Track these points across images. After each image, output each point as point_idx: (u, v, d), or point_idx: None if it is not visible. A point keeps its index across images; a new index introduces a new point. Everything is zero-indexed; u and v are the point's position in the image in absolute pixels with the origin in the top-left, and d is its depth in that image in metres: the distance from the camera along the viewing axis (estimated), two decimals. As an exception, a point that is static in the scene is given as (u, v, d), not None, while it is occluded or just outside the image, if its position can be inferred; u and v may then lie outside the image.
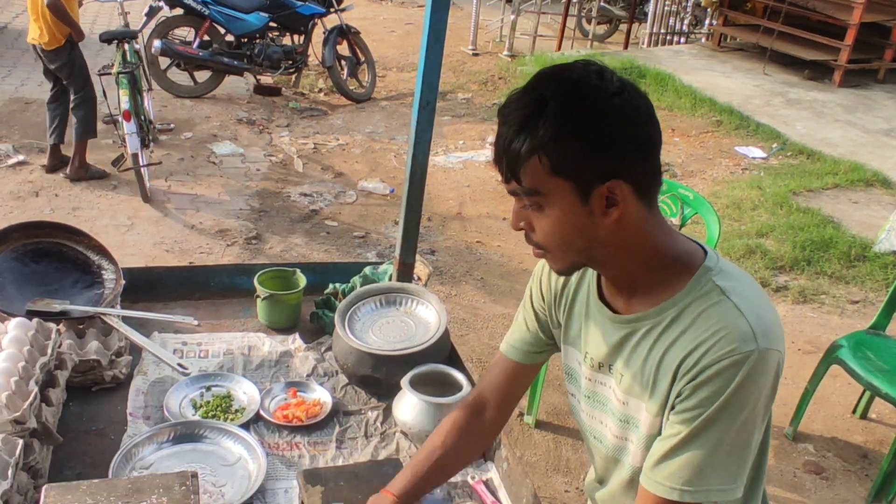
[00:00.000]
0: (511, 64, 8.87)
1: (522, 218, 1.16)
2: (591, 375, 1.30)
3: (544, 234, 1.14)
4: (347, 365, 1.88)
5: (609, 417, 1.29)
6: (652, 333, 1.17)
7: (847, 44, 8.35)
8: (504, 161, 1.11)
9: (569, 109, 1.06)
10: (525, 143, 1.07)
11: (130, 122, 4.84)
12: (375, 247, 4.87)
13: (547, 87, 1.09)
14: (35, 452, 1.45)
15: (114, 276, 2.04)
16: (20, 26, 8.60)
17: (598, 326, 1.26)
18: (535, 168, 1.08)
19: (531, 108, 1.08)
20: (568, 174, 1.07)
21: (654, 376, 1.16)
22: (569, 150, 1.06)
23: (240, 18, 6.89)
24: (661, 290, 1.17)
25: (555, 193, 1.09)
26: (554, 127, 1.05)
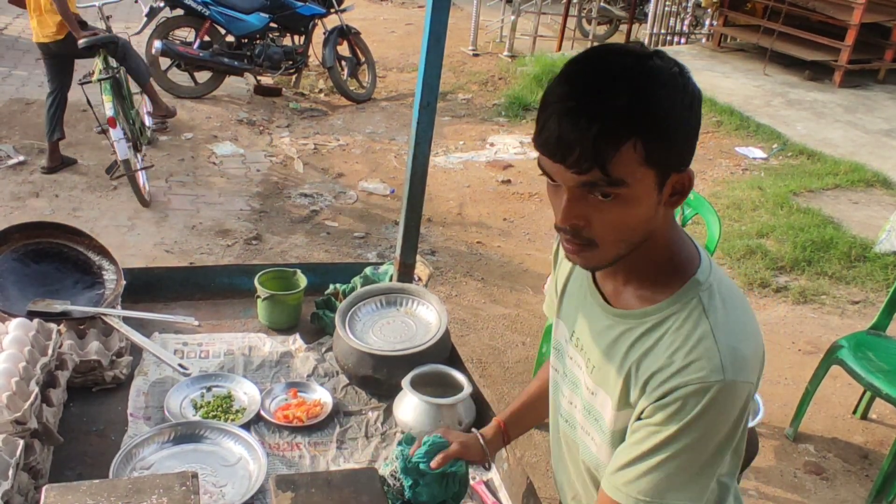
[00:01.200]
0: (511, 64, 8.87)
1: (581, 212, 1.05)
2: (573, 354, 1.28)
3: (608, 227, 1.06)
4: (348, 365, 1.88)
5: (580, 401, 1.28)
6: (631, 334, 1.15)
7: (847, 44, 8.35)
8: (586, 148, 0.99)
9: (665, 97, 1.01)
10: (620, 131, 0.99)
11: (116, 128, 4.74)
12: (376, 247, 4.87)
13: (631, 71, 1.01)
14: (36, 453, 1.45)
15: (114, 277, 2.04)
16: (21, 27, 8.61)
17: (588, 309, 1.25)
18: (628, 157, 0.99)
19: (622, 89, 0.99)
20: (656, 163, 1.02)
21: (626, 378, 1.15)
22: (664, 139, 1.01)
23: (240, 19, 6.90)
24: (651, 291, 1.15)
25: (639, 184, 1.02)
26: (652, 114, 1.00)
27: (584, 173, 1.01)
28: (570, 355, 1.29)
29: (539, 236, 5.26)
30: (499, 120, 7.49)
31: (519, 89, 8.05)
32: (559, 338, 1.34)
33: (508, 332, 4.12)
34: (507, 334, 4.10)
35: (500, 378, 3.72)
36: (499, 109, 7.72)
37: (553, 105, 1.01)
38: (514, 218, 5.46)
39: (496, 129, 7.27)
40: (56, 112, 5.24)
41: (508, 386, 3.66)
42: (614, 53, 1.04)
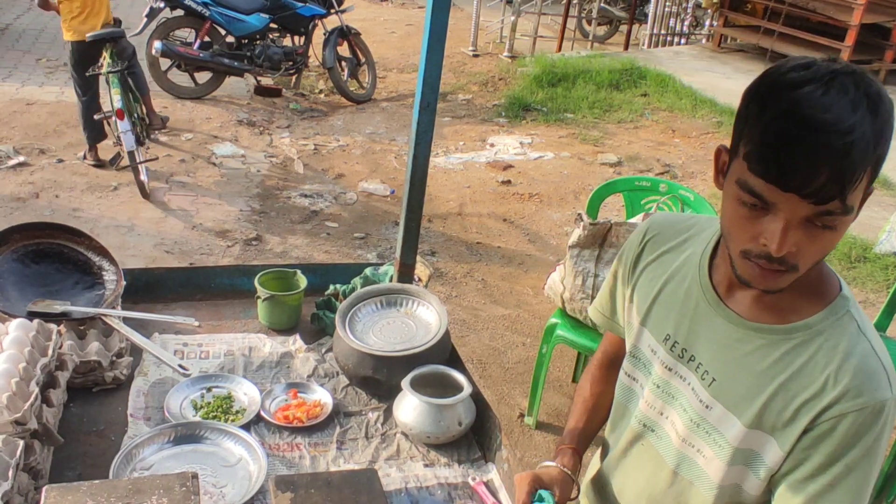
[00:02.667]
0: (511, 65, 8.87)
1: (797, 241, 1.00)
2: (672, 364, 1.24)
3: (816, 254, 1.02)
4: (348, 366, 1.88)
5: (677, 415, 1.23)
6: (773, 350, 1.11)
7: (847, 45, 8.35)
8: (832, 179, 0.94)
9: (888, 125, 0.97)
10: (863, 159, 0.95)
11: (124, 120, 4.88)
12: (376, 248, 4.87)
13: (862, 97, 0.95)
14: (36, 453, 1.45)
15: (114, 277, 2.04)
16: (22, 27, 8.61)
17: (702, 319, 1.19)
18: (861, 184, 0.97)
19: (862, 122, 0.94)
20: (869, 185, 1.00)
21: (769, 398, 1.10)
22: (882, 162, 0.99)
23: (240, 20, 6.90)
24: (795, 307, 1.10)
25: (855, 208, 1.00)
26: (884, 145, 0.97)
27: (822, 203, 0.96)
28: (665, 364, 1.25)
29: (539, 237, 5.26)
30: (499, 120, 7.49)
31: (519, 90, 8.06)
32: (641, 346, 1.30)
33: (508, 332, 4.12)
34: (507, 335, 4.10)
35: (501, 379, 3.72)
36: (499, 110, 7.72)
37: (791, 129, 0.95)
38: (514, 218, 5.46)
39: (496, 129, 7.27)
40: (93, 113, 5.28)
41: (508, 386, 3.66)
42: (838, 72, 0.97)
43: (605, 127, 7.46)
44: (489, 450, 1.74)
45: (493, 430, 1.75)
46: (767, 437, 1.12)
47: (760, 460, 1.15)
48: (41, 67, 7.44)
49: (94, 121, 5.31)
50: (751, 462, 1.16)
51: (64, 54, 7.11)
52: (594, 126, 7.46)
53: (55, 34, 8.28)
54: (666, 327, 1.25)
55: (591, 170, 6.45)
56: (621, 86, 8.26)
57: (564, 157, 6.69)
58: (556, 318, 3.13)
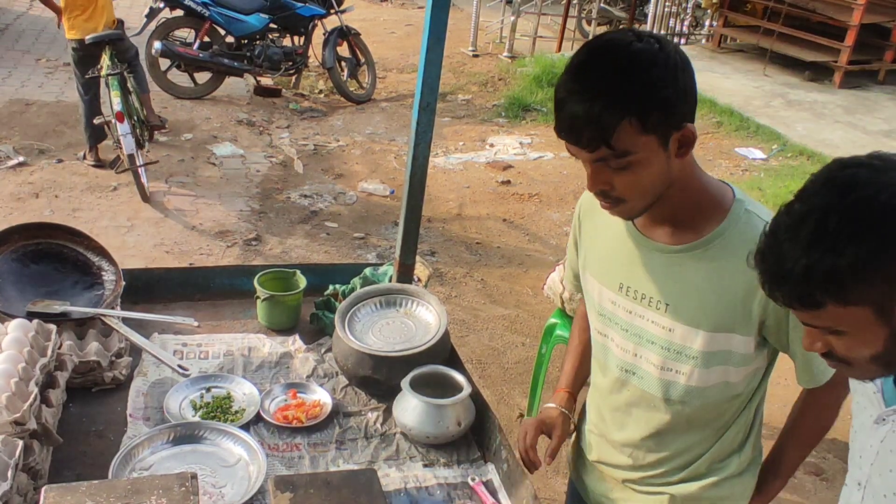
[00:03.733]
0: (511, 65, 8.87)
1: (603, 179, 1.26)
2: (631, 307, 1.41)
3: (630, 188, 1.26)
4: (347, 366, 1.88)
5: (649, 350, 1.41)
6: (702, 261, 1.32)
7: (847, 45, 8.35)
8: (591, 130, 1.18)
9: (643, 71, 1.18)
10: (614, 111, 1.17)
11: (124, 123, 4.85)
12: (375, 248, 4.87)
13: (609, 58, 1.20)
14: (35, 453, 1.45)
15: (114, 278, 2.04)
16: (22, 28, 8.61)
17: (638, 259, 1.39)
18: (625, 131, 1.18)
19: (609, 79, 1.18)
20: (654, 129, 1.20)
21: (715, 301, 1.31)
22: (654, 109, 1.18)
23: (240, 20, 6.90)
24: (703, 222, 1.32)
25: (643, 149, 1.21)
26: (637, 92, 1.17)
27: (594, 151, 1.21)
28: (626, 309, 1.42)
29: (539, 237, 5.26)
30: (498, 121, 7.49)
31: (519, 90, 8.06)
32: (603, 303, 1.47)
33: (508, 332, 4.12)
34: (506, 335, 4.10)
35: (500, 379, 3.72)
36: (498, 110, 7.72)
37: (562, 98, 1.21)
38: (513, 218, 5.46)
39: (496, 129, 7.27)
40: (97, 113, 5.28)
41: (508, 386, 3.66)
42: (602, 47, 1.24)
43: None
44: (488, 450, 1.74)
45: (492, 431, 1.75)
46: (730, 335, 1.34)
47: (732, 353, 1.36)
48: (41, 67, 7.43)
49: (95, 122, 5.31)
50: (726, 359, 1.36)
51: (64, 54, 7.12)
52: (594, 126, 7.45)
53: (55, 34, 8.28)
54: (618, 277, 1.44)
55: (591, 170, 6.45)
56: (621, 86, 8.25)
57: (564, 157, 6.68)
58: (556, 318, 3.13)
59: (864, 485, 1.10)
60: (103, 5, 5.19)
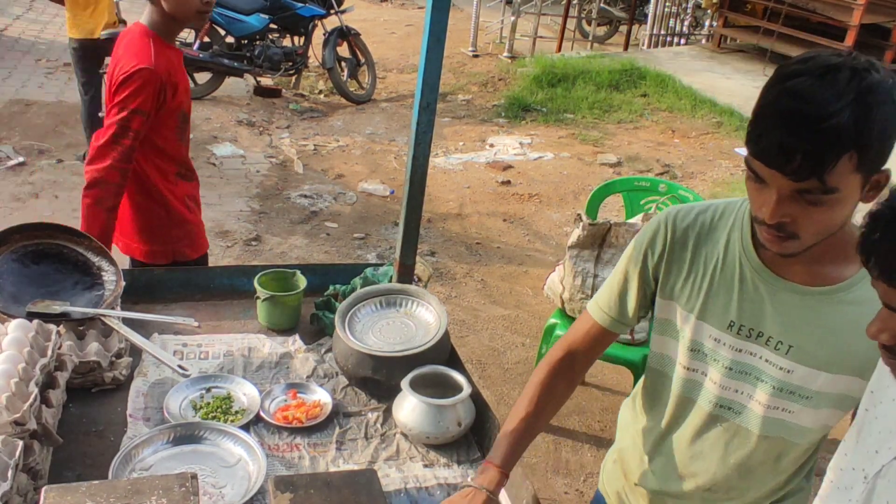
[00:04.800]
0: (511, 65, 8.87)
1: (788, 212, 1.14)
2: (741, 346, 1.34)
3: (813, 225, 1.15)
4: (347, 366, 1.88)
5: (756, 387, 1.35)
6: (844, 304, 1.25)
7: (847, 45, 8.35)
8: (806, 160, 1.07)
9: (878, 112, 1.07)
10: (840, 145, 1.06)
11: None
12: (375, 248, 4.87)
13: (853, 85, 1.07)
14: (35, 454, 1.45)
15: (114, 278, 2.04)
16: (21, 28, 8.61)
17: (762, 298, 1.30)
18: (843, 168, 1.08)
19: (843, 108, 1.06)
20: (865, 170, 1.10)
21: (846, 344, 1.25)
22: (875, 148, 1.09)
23: (240, 20, 6.90)
24: (845, 263, 1.25)
25: (848, 188, 1.11)
26: (868, 130, 1.06)
27: (800, 181, 1.09)
28: (735, 347, 1.34)
29: (539, 237, 5.26)
30: (498, 121, 7.49)
31: (519, 90, 8.06)
32: (700, 339, 1.38)
33: (508, 332, 4.12)
34: (506, 335, 4.10)
35: (500, 379, 3.72)
36: (499, 110, 7.72)
37: (776, 114, 1.09)
38: (513, 219, 5.46)
39: (496, 129, 7.27)
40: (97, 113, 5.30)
41: (508, 387, 3.66)
42: (835, 67, 1.09)
43: (604, 127, 7.46)
44: (489, 450, 1.74)
45: (492, 431, 1.75)
46: (854, 378, 1.28)
47: (847, 398, 1.31)
48: (41, 68, 7.43)
49: (96, 121, 5.31)
50: (839, 402, 1.32)
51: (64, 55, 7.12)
52: (594, 126, 7.46)
53: (55, 35, 8.29)
54: (728, 315, 1.34)
55: (591, 170, 6.45)
56: (621, 86, 8.26)
57: (564, 157, 6.69)
58: (556, 319, 3.13)
59: (875, 476, 1.04)
60: (105, 5, 5.20)
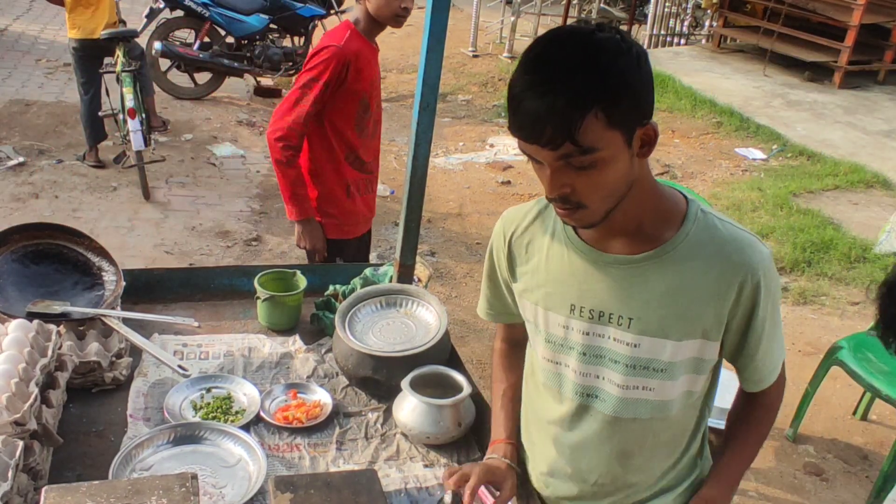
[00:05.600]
0: (511, 65, 8.87)
1: (565, 182, 1.16)
2: (588, 329, 1.33)
3: (593, 190, 1.16)
4: (348, 366, 1.88)
5: (610, 369, 1.33)
6: (664, 269, 1.26)
7: (847, 45, 8.35)
8: (554, 125, 1.09)
9: (609, 62, 1.09)
10: (580, 103, 1.08)
11: (135, 119, 4.89)
12: (375, 248, 4.87)
13: (571, 47, 1.11)
14: (35, 454, 1.45)
15: (114, 278, 2.04)
16: (21, 28, 8.61)
17: (592, 276, 1.31)
18: (591, 125, 1.09)
19: (568, 67, 1.08)
20: (620, 124, 1.11)
21: (687, 306, 1.26)
22: (621, 101, 1.10)
23: (240, 20, 6.90)
24: (661, 227, 1.27)
25: (609, 146, 1.12)
26: (602, 81, 1.08)
27: (557, 148, 1.11)
28: (583, 331, 1.33)
29: (539, 237, 5.26)
30: (498, 121, 7.49)
31: (519, 90, 8.05)
32: (552, 330, 1.38)
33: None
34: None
35: (500, 379, 3.71)
36: (499, 110, 7.72)
37: (518, 93, 1.11)
38: (513, 219, 5.46)
39: (496, 130, 7.27)
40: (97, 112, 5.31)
41: (508, 387, 3.65)
42: (562, 37, 1.13)
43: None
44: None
45: (492, 431, 1.74)
46: (699, 341, 1.29)
47: (700, 361, 1.32)
48: (41, 68, 7.43)
49: (95, 121, 5.32)
50: (694, 367, 1.32)
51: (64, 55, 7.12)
52: (594, 126, 7.46)
53: (55, 35, 8.29)
54: (568, 299, 1.34)
55: (591, 170, 6.45)
56: (621, 86, 8.25)
57: (564, 157, 6.68)
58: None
59: None
60: (107, 6, 5.20)
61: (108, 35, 5.13)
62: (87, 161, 5.46)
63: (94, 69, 5.29)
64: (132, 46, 5.29)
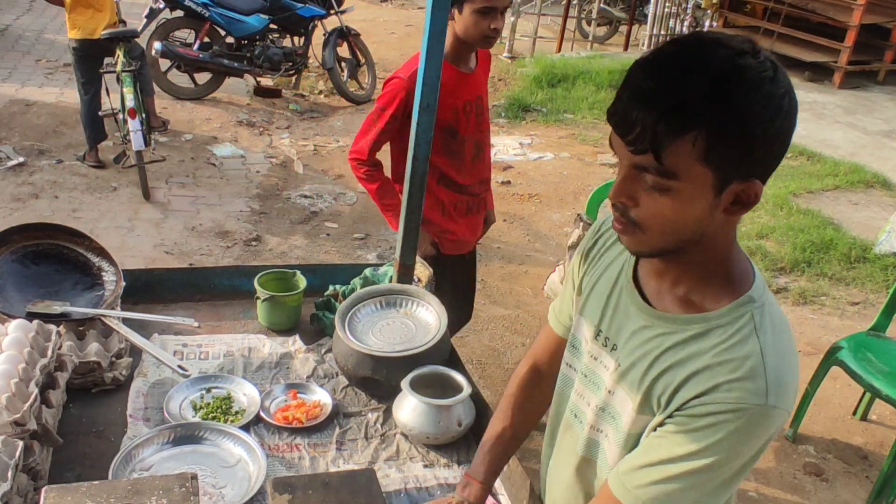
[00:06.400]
0: (511, 65, 8.87)
1: (630, 192, 1.04)
2: (597, 353, 1.24)
3: (654, 216, 1.03)
4: (347, 366, 1.88)
5: (595, 399, 1.25)
6: (669, 339, 1.11)
7: (847, 45, 8.36)
8: (645, 129, 0.97)
9: (746, 98, 0.96)
10: (681, 122, 0.96)
11: (135, 119, 4.90)
12: (375, 248, 4.87)
13: (716, 64, 0.97)
14: (35, 454, 1.45)
15: (114, 278, 2.04)
16: (21, 28, 8.61)
17: (622, 308, 1.20)
18: (682, 150, 0.97)
19: (697, 83, 0.96)
20: (716, 164, 0.98)
21: (653, 382, 1.12)
22: (732, 141, 0.97)
23: (240, 20, 6.90)
24: (700, 298, 1.11)
25: (692, 180, 0.99)
26: (724, 112, 0.95)
27: (638, 154, 1.00)
28: (592, 354, 1.25)
29: (539, 237, 5.26)
30: (498, 121, 7.49)
31: (519, 90, 8.06)
32: (579, 335, 1.30)
33: (508, 333, 4.12)
34: (506, 335, 4.10)
35: (500, 379, 3.72)
36: (499, 111, 7.72)
37: (631, 81, 1.00)
38: (513, 219, 5.46)
39: (496, 130, 7.26)
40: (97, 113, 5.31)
41: (508, 387, 3.65)
42: (709, 42, 1.00)
43: (604, 127, 7.46)
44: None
45: (492, 431, 1.74)
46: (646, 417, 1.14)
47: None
48: (41, 68, 7.43)
49: (95, 121, 5.32)
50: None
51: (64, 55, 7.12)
52: (594, 127, 7.46)
53: (55, 35, 8.29)
54: (595, 318, 1.26)
55: (591, 170, 6.45)
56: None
57: (564, 157, 6.69)
58: (556, 319, 3.13)
59: None
60: (107, 6, 5.20)
61: (108, 35, 5.13)
62: (87, 161, 5.46)
63: (95, 69, 5.29)
64: (132, 46, 5.30)
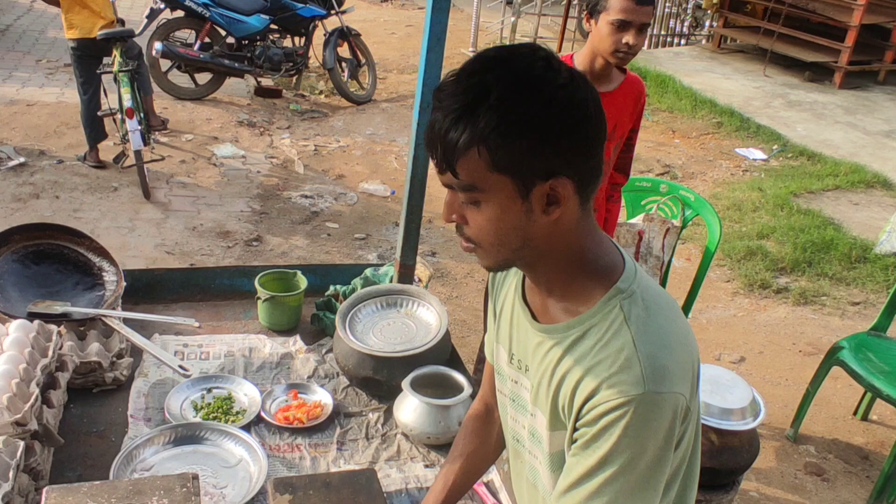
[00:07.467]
0: (511, 66, 8.87)
1: (455, 211, 1.07)
2: (516, 376, 1.23)
3: (478, 230, 1.06)
4: (348, 367, 1.88)
5: (526, 422, 1.22)
6: (558, 349, 1.10)
7: (847, 45, 8.35)
8: (439, 150, 1.01)
9: (513, 100, 0.97)
10: (463, 134, 0.98)
11: (133, 119, 4.90)
12: (376, 249, 4.87)
13: (489, 74, 0.99)
14: (36, 454, 1.45)
15: (115, 278, 2.04)
16: (22, 29, 8.61)
17: (521, 328, 1.20)
18: (473, 161, 0.99)
19: (471, 95, 0.98)
20: (509, 170, 0.99)
21: (554, 396, 1.10)
22: (512, 145, 0.97)
23: (241, 20, 6.90)
24: (573, 303, 1.10)
25: (493, 189, 1.01)
26: (496, 119, 0.96)
27: (442, 174, 1.04)
28: (512, 378, 1.24)
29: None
30: (499, 121, 7.49)
31: (519, 91, 8.05)
32: (500, 362, 1.28)
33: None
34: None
35: (501, 379, 3.72)
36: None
37: (433, 101, 1.03)
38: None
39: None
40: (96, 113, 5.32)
41: (509, 387, 3.65)
42: (497, 57, 1.02)
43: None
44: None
45: (493, 431, 1.74)
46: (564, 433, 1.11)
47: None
48: (41, 68, 7.43)
49: (96, 120, 5.32)
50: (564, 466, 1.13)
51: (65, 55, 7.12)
52: (594, 127, 7.45)
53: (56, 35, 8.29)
54: (506, 342, 1.24)
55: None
56: (621, 86, 8.25)
57: (564, 157, 6.68)
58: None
59: None
60: (101, 5, 5.20)
61: (104, 35, 5.12)
62: (87, 161, 5.47)
63: (93, 69, 5.29)
64: (129, 46, 5.29)
